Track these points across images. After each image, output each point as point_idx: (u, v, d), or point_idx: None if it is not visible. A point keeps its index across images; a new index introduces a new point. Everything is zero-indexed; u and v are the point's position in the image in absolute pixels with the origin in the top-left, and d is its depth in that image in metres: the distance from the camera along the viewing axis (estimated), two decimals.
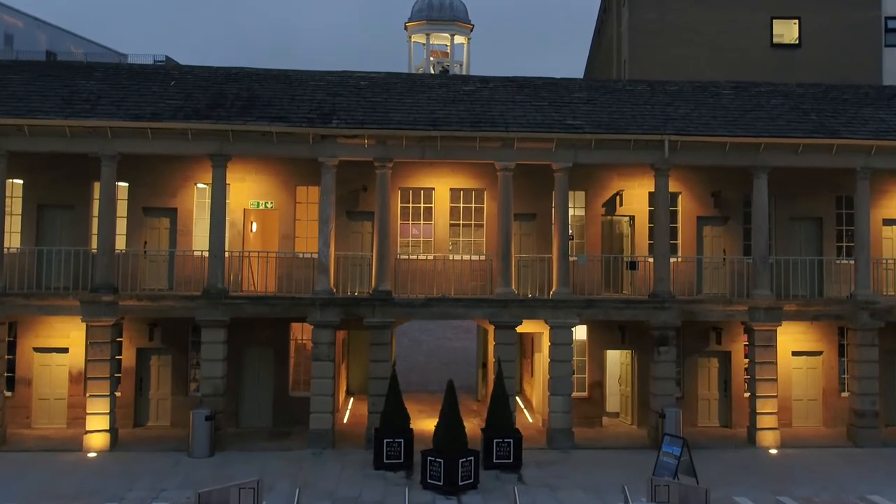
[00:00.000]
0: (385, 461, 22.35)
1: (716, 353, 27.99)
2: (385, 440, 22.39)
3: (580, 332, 27.47)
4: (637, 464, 23.17)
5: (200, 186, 26.90)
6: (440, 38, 59.20)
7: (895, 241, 28.56)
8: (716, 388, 28.03)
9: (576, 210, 27.76)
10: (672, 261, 26.31)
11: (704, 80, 30.93)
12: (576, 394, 26.74)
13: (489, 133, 24.90)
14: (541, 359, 28.11)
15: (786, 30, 40.09)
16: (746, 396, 26.98)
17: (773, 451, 24.93)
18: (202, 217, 26.76)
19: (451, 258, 26.80)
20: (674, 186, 27.00)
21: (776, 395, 25.69)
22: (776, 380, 25.75)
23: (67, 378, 26.21)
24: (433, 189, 27.51)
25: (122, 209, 26.32)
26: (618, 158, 25.84)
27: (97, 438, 23.72)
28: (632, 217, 27.96)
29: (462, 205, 27.66)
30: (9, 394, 25.83)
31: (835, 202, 28.38)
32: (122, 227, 26.28)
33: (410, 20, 58.78)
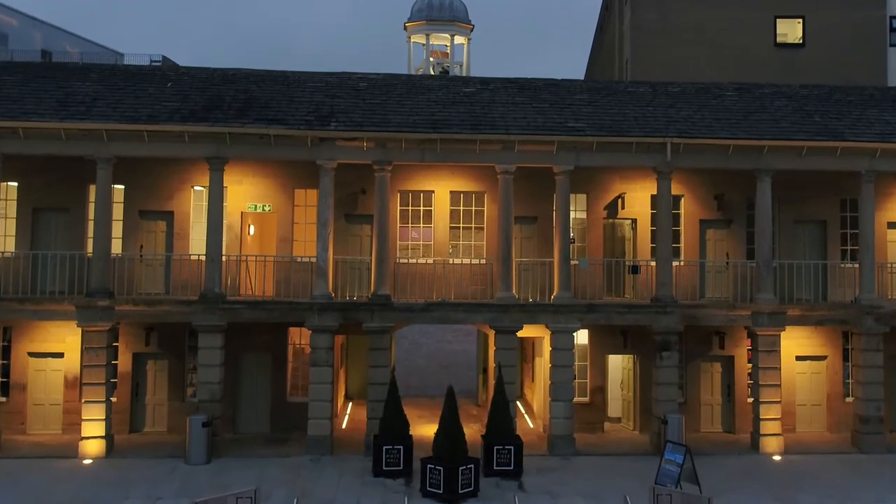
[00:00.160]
0: (384, 468, 22.31)
1: (719, 358, 27.95)
2: (384, 447, 22.35)
3: (581, 337, 27.45)
4: (639, 471, 23.14)
5: (197, 189, 26.86)
6: (440, 39, 59.12)
7: None
8: (719, 394, 28.00)
9: (577, 213, 27.71)
10: (674, 264, 26.27)
11: (707, 82, 30.87)
12: (577, 399, 26.71)
13: (489, 136, 24.86)
14: (542, 363, 28.08)
15: (789, 29, 40.05)
16: (750, 401, 26.94)
17: (777, 458, 24.90)
18: (199, 220, 26.71)
19: (451, 262, 26.75)
20: (676, 189, 26.97)
21: (780, 401, 25.65)
22: (780, 385, 25.71)
23: (63, 383, 26.16)
24: (433, 192, 27.46)
25: (118, 212, 26.27)
26: (619, 161, 25.81)
27: (93, 445, 23.68)
28: (634, 220, 27.93)
29: (462, 208, 27.62)
30: (3, 399, 25.87)
31: (839, 205, 28.33)
32: (118, 231, 26.21)
33: (410, 20, 58.66)
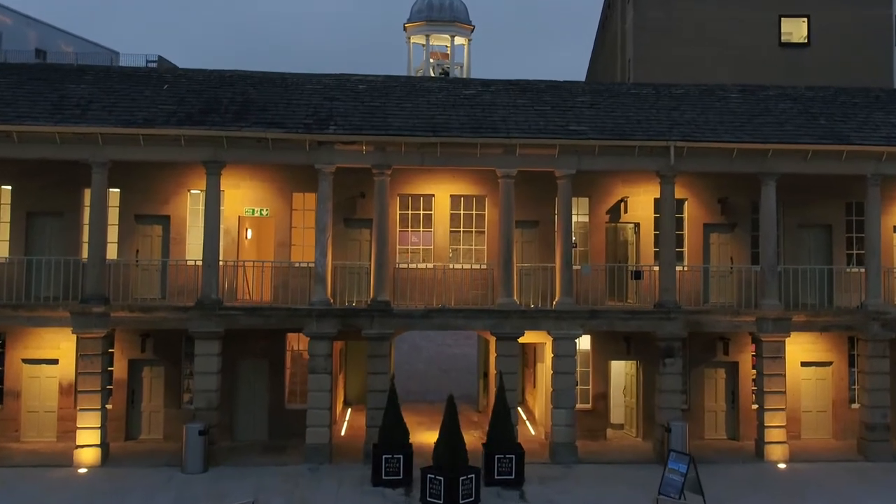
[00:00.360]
0: (384, 477, 22.29)
1: (723, 364, 27.93)
2: (384, 456, 22.33)
3: (584, 343, 27.40)
4: (642, 479, 23.11)
5: (194, 192, 26.84)
6: (440, 40, 59.09)
7: None
8: (723, 400, 27.98)
9: (579, 217, 27.68)
10: (678, 269, 26.24)
11: (711, 83, 30.82)
12: (579, 405, 26.68)
13: (490, 139, 24.84)
14: (543, 369, 28.07)
15: (794, 28, 39.99)
16: (754, 408, 26.91)
17: (782, 466, 24.88)
18: (196, 224, 26.68)
19: (452, 267, 26.74)
20: (680, 192, 26.94)
21: (785, 408, 25.62)
22: (785, 392, 25.69)
23: (57, 390, 26.12)
24: (433, 195, 27.44)
25: (114, 216, 26.25)
26: (622, 165, 25.78)
27: (88, 453, 23.65)
28: (637, 224, 27.90)
29: (462, 212, 27.59)
30: None
31: (844, 209, 28.29)
32: (114, 235, 26.20)
33: (409, 21, 58.52)
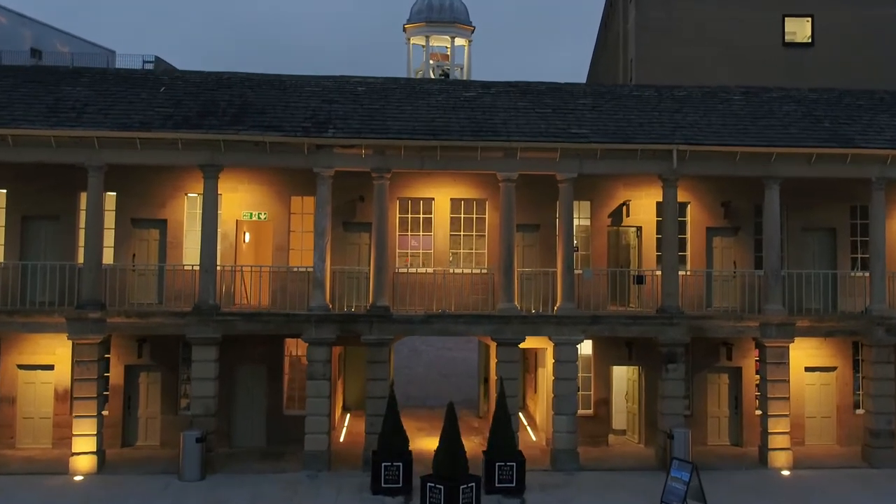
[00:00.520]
0: (383, 485, 22.27)
1: (726, 369, 27.92)
2: (383, 463, 22.31)
3: (585, 347, 27.37)
4: (644, 486, 23.14)
5: (191, 196, 26.81)
6: (440, 41, 59.06)
7: None
8: (726, 406, 27.97)
9: (581, 220, 27.66)
10: (681, 274, 26.21)
11: (713, 85, 30.81)
12: (581, 411, 26.64)
13: (491, 143, 24.81)
14: (544, 374, 28.06)
15: (798, 28, 39.93)
16: (758, 414, 26.90)
17: (786, 473, 24.86)
18: (193, 228, 26.66)
19: (452, 272, 26.69)
20: (682, 196, 26.90)
21: (788, 414, 25.62)
22: (788, 398, 25.68)
23: (53, 396, 26.10)
24: (433, 199, 27.42)
25: (110, 220, 26.21)
26: (624, 169, 25.76)
27: (84, 461, 23.63)
28: (639, 228, 27.88)
29: (463, 215, 27.57)
30: None
31: (849, 212, 28.26)
32: (110, 239, 26.15)
33: (409, 22, 58.41)
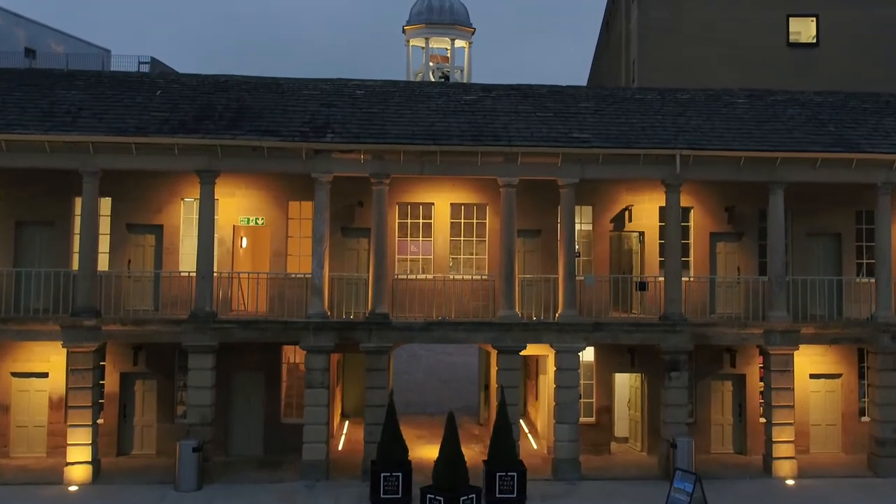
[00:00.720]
0: (382, 496, 22.23)
1: (730, 376, 27.88)
2: (382, 474, 22.28)
3: (587, 354, 27.34)
4: (647, 496, 23.11)
5: (187, 201, 26.76)
6: (440, 42, 58.98)
7: None
8: (730, 413, 27.94)
9: (583, 225, 27.63)
10: (683, 280, 26.16)
11: (717, 87, 30.78)
12: (583, 419, 26.62)
13: (491, 148, 24.76)
14: (546, 381, 28.02)
15: (803, 28, 39.89)
16: (762, 421, 26.87)
17: (790, 482, 24.82)
18: (189, 233, 26.62)
19: (452, 278, 26.67)
20: (685, 201, 26.86)
21: (793, 423, 25.57)
22: (793, 406, 25.63)
23: (47, 404, 26.06)
24: (433, 204, 27.37)
25: (105, 225, 26.17)
26: (626, 174, 25.72)
27: (78, 471, 23.59)
28: (641, 233, 27.84)
29: (463, 220, 27.53)
30: None
31: (854, 217, 28.24)
32: (105, 245, 26.10)
33: (409, 23, 58.26)
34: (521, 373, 27.72)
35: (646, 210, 27.65)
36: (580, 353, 25.49)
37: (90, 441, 23.86)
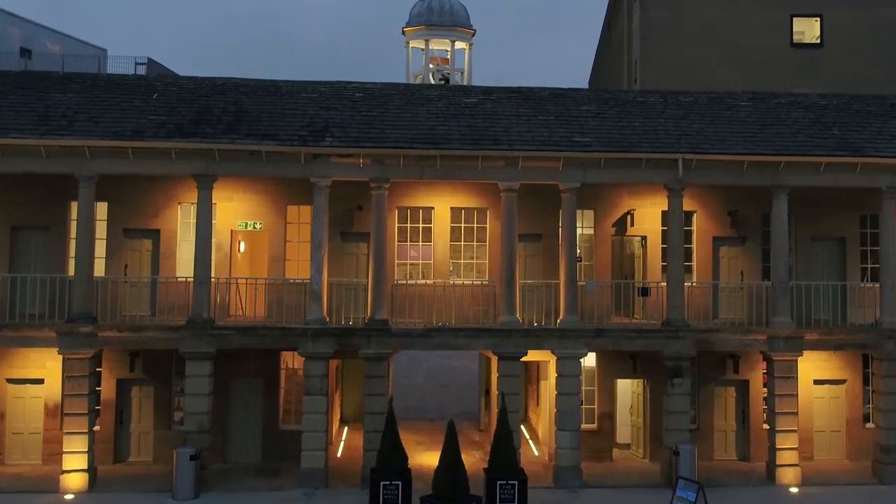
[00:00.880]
0: None
1: (733, 382, 27.88)
2: (382, 483, 22.23)
3: (589, 360, 27.29)
4: None
5: (184, 205, 26.73)
6: (440, 44, 58.83)
7: None
8: (733, 419, 27.92)
9: (584, 229, 27.61)
10: (686, 285, 26.13)
11: (720, 89, 30.78)
12: (584, 426, 26.58)
13: (492, 152, 24.74)
14: (547, 387, 28.00)
15: (806, 28, 39.91)
16: (765, 428, 26.85)
17: (794, 490, 24.81)
18: (186, 238, 26.60)
19: (452, 283, 26.64)
20: (688, 205, 26.83)
21: (797, 430, 25.56)
22: (797, 413, 25.62)
23: (43, 411, 26.05)
24: (432, 208, 27.35)
25: (101, 230, 26.14)
26: (628, 178, 25.71)
27: (74, 479, 23.56)
28: (643, 237, 27.81)
29: (463, 225, 27.50)
30: None
31: (859, 221, 28.21)
32: (101, 250, 26.07)
33: (408, 25, 58.15)
34: (522, 379, 27.69)
35: (648, 214, 27.62)
36: (582, 359, 25.47)
37: (86, 449, 23.84)
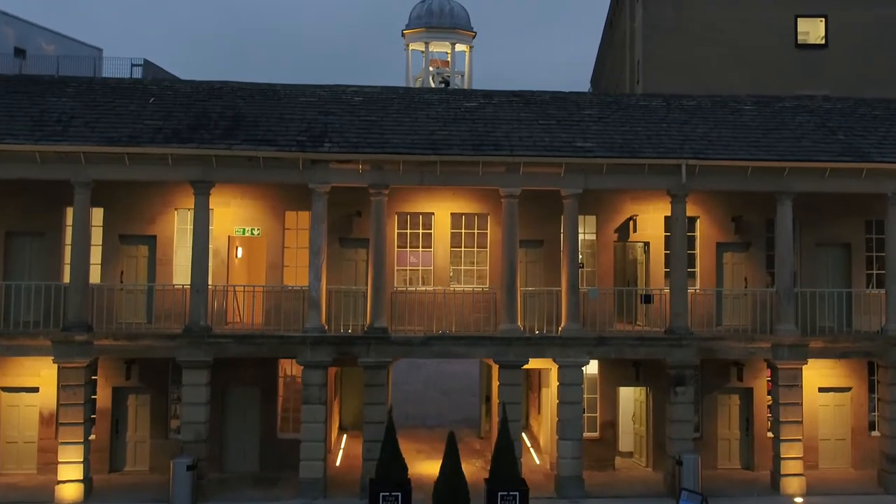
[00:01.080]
0: None
1: (737, 390, 27.86)
2: (381, 493, 22.25)
3: (591, 368, 27.27)
4: None
5: (181, 211, 26.71)
6: (440, 47, 58.74)
7: None
8: (736, 428, 27.91)
9: (586, 235, 27.60)
10: (689, 291, 26.11)
11: (724, 93, 30.75)
12: (586, 434, 26.53)
13: (493, 157, 24.73)
14: (548, 395, 27.98)
15: (811, 28, 39.83)
16: (770, 436, 26.85)
17: (799, 500, 24.72)
18: (183, 244, 26.57)
19: (453, 290, 26.61)
20: (692, 210, 26.84)
21: (801, 439, 25.54)
22: (801, 422, 25.59)
23: (38, 420, 26.03)
24: (433, 214, 27.34)
25: (97, 236, 26.14)
26: (631, 184, 25.70)
27: (70, 489, 23.55)
28: (646, 243, 27.81)
29: (464, 230, 27.50)
30: None
31: (864, 227, 28.23)
32: (97, 256, 26.07)
33: (408, 27, 58.03)
34: (523, 388, 27.67)
35: (651, 220, 27.61)
36: (584, 368, 25.45)
37: (82, 458, 23.85)
